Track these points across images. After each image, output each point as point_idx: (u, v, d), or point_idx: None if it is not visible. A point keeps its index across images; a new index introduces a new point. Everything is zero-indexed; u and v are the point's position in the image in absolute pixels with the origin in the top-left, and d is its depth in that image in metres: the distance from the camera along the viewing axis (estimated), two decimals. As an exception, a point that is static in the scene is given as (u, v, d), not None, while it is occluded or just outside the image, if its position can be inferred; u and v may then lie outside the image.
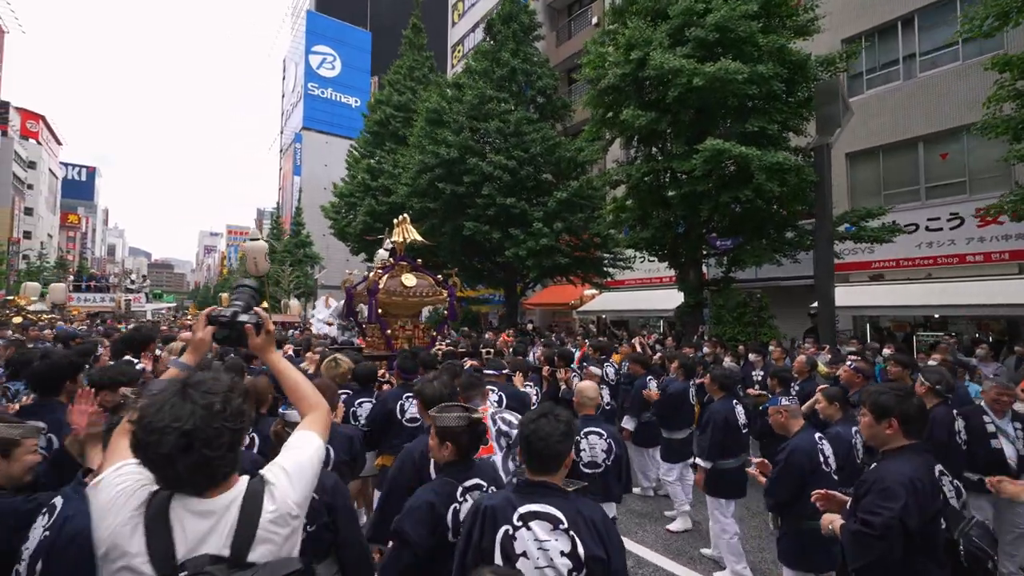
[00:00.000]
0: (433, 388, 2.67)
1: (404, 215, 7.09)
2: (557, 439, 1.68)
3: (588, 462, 3.15)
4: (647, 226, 11.15)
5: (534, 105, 16.28)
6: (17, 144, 59.96)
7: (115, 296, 26.05)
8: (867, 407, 2.20)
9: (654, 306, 16.36)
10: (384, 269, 6.74)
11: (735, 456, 4.03)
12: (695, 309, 11.32)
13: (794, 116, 9.45)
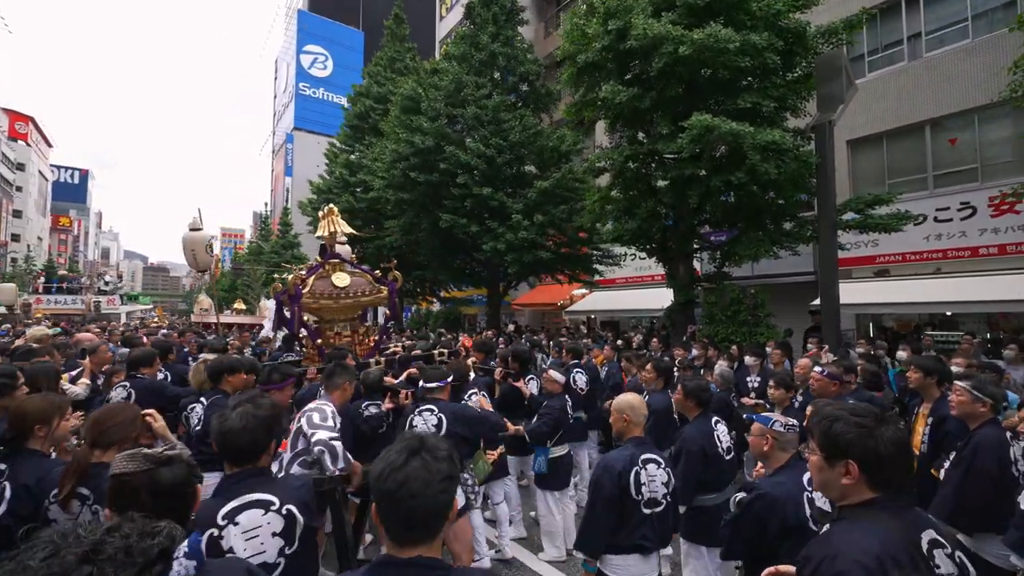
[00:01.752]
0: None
1: (331, 206, 6.15)
2: (438, 488, 1.18)
3: (648, 500, 2.50)
4: (633, 217, 10.23)
5: (516, 93, 15.39)
6: (4, 145, 59.03)
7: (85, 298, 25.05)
8: (815, 440, 1.39)
9: (646, 305, 15.44)
10: (310, 269, 5.77)
11: (717, 490, 3.10)
12: (686, 307, 10.39)
13: (792, 94, 8.53)
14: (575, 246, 14.56)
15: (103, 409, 2.06)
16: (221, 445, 1.69)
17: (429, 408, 3.37)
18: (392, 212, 16.43)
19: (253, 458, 1.71)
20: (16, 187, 62.16)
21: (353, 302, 5.58)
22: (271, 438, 1.77)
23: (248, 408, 1.74)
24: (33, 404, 2.12)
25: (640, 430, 2.61)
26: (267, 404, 1.81)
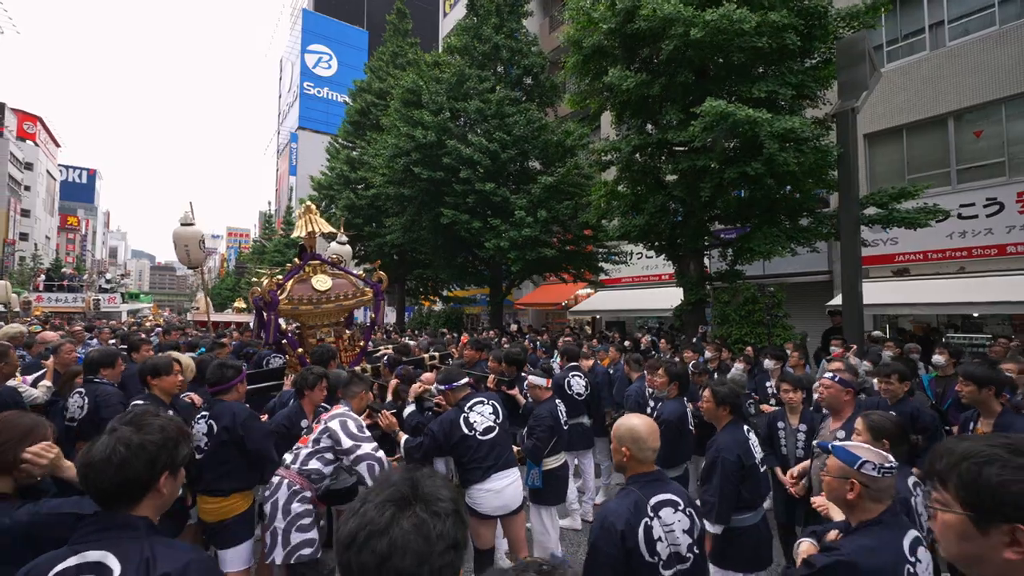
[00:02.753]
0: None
1: (309, 203, 5.71)
2: (438, 563, 0.82)
3: (669, 557, 1.82)
4: (641, 212, 9.76)
5: (520, 86, 14.94)
6: (13, 145, 59.25)
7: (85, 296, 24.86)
8: (949, 490, 0.99)
9: (653, 305, 14.96)
10: (288, 272, 5.34)
11: (753, 508, 2.64)
12: (696, 307, 9.90)
13: (810, 81, 8.02)
14: (580, 244, 14.10)
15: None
16: (83, 481, 1.23)
17: (480, 400, 3.27)
18: (393, 209, 16.04)
19: (123, 502, 1.24)
20: (24, 186, 62.48)
21: (335, 306, 5.15)
22: (155, 474, 1.27)
23: (126, 433, 1.26)
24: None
25: (648, 466, 1.96)
26: (157, 427, 1.30)
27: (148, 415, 1.34)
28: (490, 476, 3.12)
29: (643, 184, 9.92)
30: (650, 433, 1.93)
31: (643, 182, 9.85)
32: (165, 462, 1.28)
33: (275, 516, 2.76)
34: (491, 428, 3.23)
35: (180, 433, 1.35)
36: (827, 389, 3.14)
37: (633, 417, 1.99)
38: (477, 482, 3.10)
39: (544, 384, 3.92)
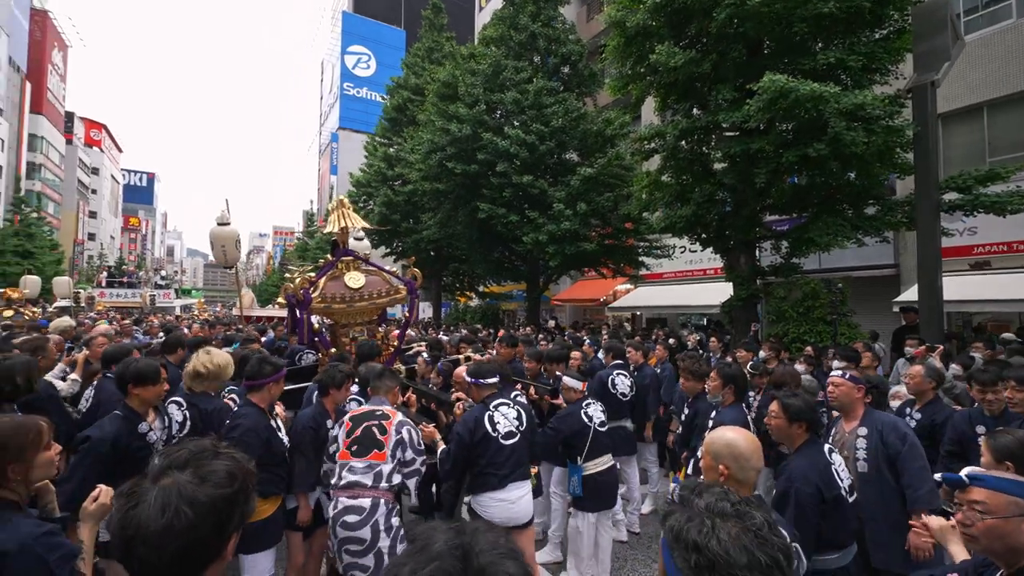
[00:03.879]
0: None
1: (342, 197, 5.54)
2: None
3: None
4: (687, 203, 9.19)
5: (558, 76, 14.52)
6: (81, 151, 63.65)
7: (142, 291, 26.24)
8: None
9: (697, 301, 14.27)
10: (321, 269, 5.18)
11: (840, 547, 2.22)
12: (747, 303, 9.25)
13: (882, 51, 7.26)
14: (620, 237, 13.59)
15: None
16: (123, 554, 0.87)
17: (505, 402, 3.16)
18: (429, 204, 15.98)
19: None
20: (91, 190, 67.07)
21: (368, 304, 4.97)
22: (225, 539, 0.92)
23: (187, 487, 0.89)
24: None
25: (749, 489, 1.63)
26: (224, 473, 0.93)
27: (207, 452, 0.97)
28: (506, 485, 2.98)
29: (689, 173, 9.34)
30: (753, 450, 1.62)
31: (689, 170, 9.28)
32: (237, 522, 0.94)
33: (378, 537, 2.65)
34: (512, 434, 3.08)
35: (250, 478, 0.99)
36: (837, 387, 2.88)
37: (729, 430, 1.68)
38: (492, 490, 2.96)
39: (579, 387, 3.65)
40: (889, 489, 2.63)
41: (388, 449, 2.75)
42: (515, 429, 3.09)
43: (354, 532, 2.64)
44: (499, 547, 0.64)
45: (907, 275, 11.18)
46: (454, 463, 2.96)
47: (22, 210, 32.40)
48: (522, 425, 3.14)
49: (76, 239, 58.83)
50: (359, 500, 2.68)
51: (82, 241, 61.25)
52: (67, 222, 54.31)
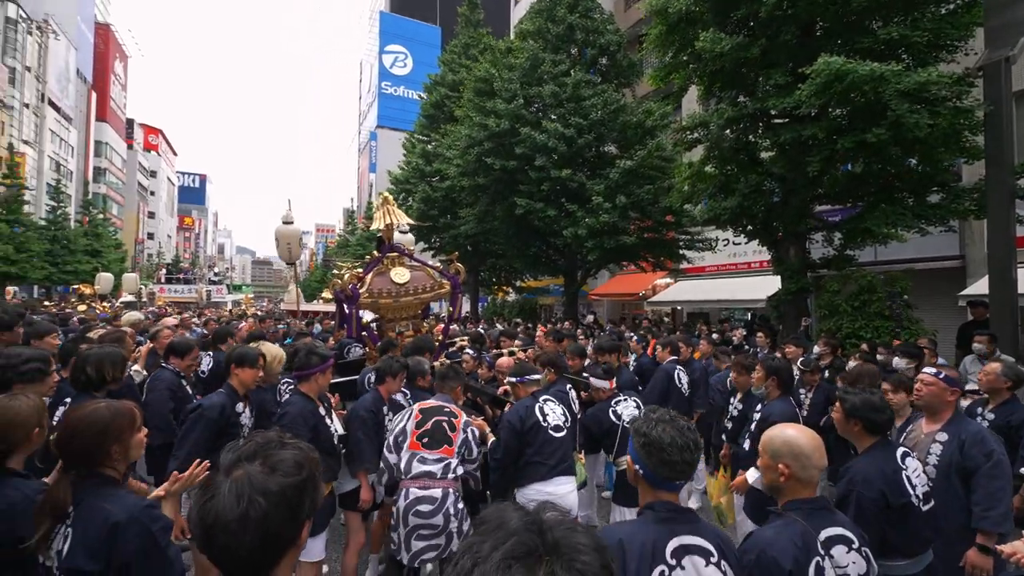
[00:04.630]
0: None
1: (386, 194, 5.65)
2: None
3: None
4: (732, 194, 8.90)
5: (596, 67, 14.32)
6: (141, 156, 67.77)
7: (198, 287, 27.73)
8: None
9: (740, 295, 13.82)
10: (368, 265, 5.32)
11: (909, 555, 2.12)
12: (796, 297, 8.89)
13: (949, 26, 6.77)
14: (660, 230, 13.32)
15: (65, 424, 1.56)
16: (206, 546, 0.91)
17: (549, 399, 3.22)
18: (467, 200, 16.12)
19: (261, 569, 0.94)
20: (150, 192, 71.34)
21: (414, 299, 5.09)
22: (299, 528, 0.96)
23: (258, 477, 0.92)
24: (23, 409, 1.67)
25: (813, 490, 1.56)
26: (293, 463, 0.96)
27: (273, 443, 1.00)
28: (553, 477, 3.04)
29: (734, 162, 9.04)
30: (815, 448, 1.54)
31: (734, 160, 8.97)
32: (309, 509, 0.97)
33: (449, 521, 2.84)
34: (560, 427, 3.14)
35: (315, 466, 1.02)
36: (927, 387, 2.70)
37: (789, 427, 1.62)
38: (538, 481, 3.02)
39: (606, 386, 3.64)
40: (954, 501, 2.48)
41: (456, 446, 2.91)
42: (562, 423, 3.14)
43: (428, 520, 2.81)
44: (567, 522, 0.68)
45: (974, 267, 10.45)
46: (506, 451, 3.03)
47: (90, 212, 34.83)
48: (568, 421, 3.19)
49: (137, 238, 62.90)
50: (430, 491, 2.83)
51: (143, 240, 65.39)
52: (129, 222, 58.05)
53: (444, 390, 3.21)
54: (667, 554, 1.35)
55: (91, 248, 30.91)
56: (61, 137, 41.50)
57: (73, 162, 44.13)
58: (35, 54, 36.60)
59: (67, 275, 27.80)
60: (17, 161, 30.14)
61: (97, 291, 13.98)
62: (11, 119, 32.89)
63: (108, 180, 52.90)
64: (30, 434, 1.69)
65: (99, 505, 1.41)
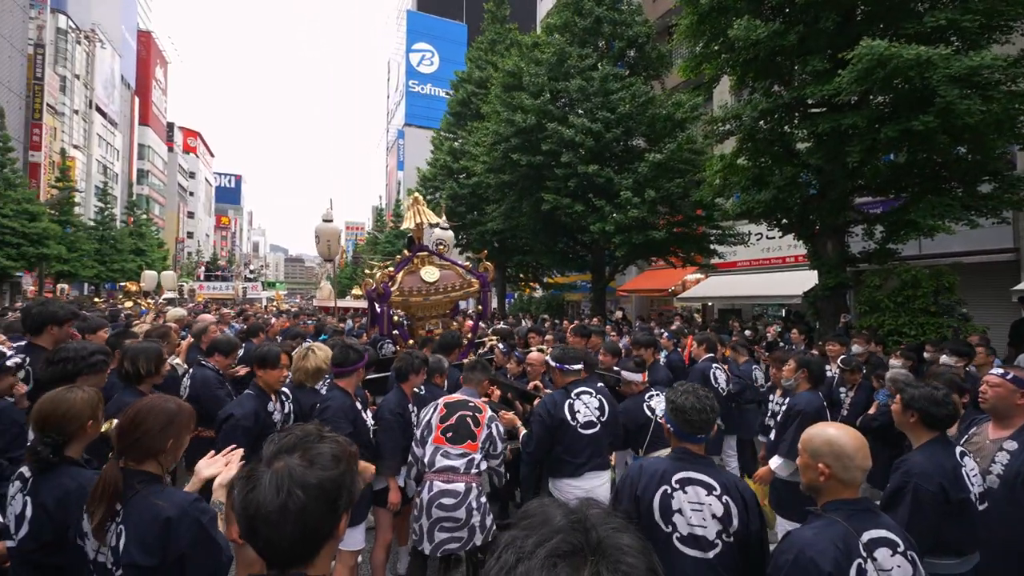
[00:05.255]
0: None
1: (416, 194, 5.71)
2: None
3: None
4: (766, 186, 8.65)
5: (624, 60, 14.11)
6: (180, 158, 70.54)
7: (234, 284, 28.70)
8: None
9: (773, 291, 13.44)
10: (398, 264, 5.39)
11: (961, 553, 2.04)
12: (835, 293, 8.59)
13: (1004, 5, 6.38)
14: (691, 225, 13.05)
15: (131, 413, 1.61)
16: (250, 536, 0.95)
17: (587, 391, 3.13)
18: (493, 196, 16.16)
19: (301, 560, 0.96)
20: (189, 192, 74.22)
21: (443, 297, 5.14)
22: (337, 520, 0.98)
23: (297, 470, 0.94)
24: (78, 401, 1.77)
25: (855, 491, 1.52)
26: (330, 456, 0.98)
27: (312, 437, 1.01)
28: (583, 474, 3.02)
29: (768, 154, 8.78)
30: (858, 448, 1.50)
31: (769, 152, 8.72)
32: (346, 502, 0.99)
33: (471, 515, 2.88)
34: (592, 424, 3.07)
35: (353, 459, 1.04)
36: (993, 388, 2.47)
37: (830, 426, 1.58)
38: (567, 477, 3.02)
39: (639, 380, 3.59)
40: (1016, 514, 2.29)
41: (479, 441, 2.91)
42: (595, 419, 3.07)
43: (451, 513, 2.85)
44: (612, 521, 0.67)
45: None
46: (537, 444, 3.02)
47: (135, 212, 36.49)
48: (603, 415, 3.10)
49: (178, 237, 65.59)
50: (453, 485, 2.86)
51: (183, 239, 68.16)
52: (170, 222, 60.56)
53: (471, 383, 3.19)
54: (672, 481, 1.84)
55: (136, 247, 32.41)
56: (107, 141, 43.55)
57: (119, 165, 46.25)
58: (83, 62, 38.47)
59: (114, 273, 29.26)
60: (68, 165, 31.85)
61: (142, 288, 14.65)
62: (62, 125, 34.69)
63: (150, 182, 55.24)
64: (85, 425, 1.77)
65: (150, 502, 1.46)
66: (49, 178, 30.39)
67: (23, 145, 29.86)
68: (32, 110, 31.33)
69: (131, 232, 33.47)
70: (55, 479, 1.70)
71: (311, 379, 3.20)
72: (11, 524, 1.70)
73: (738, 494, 1.79)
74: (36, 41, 32.23)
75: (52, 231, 22.54)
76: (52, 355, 2.47)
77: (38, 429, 1.75)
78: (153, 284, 16.35)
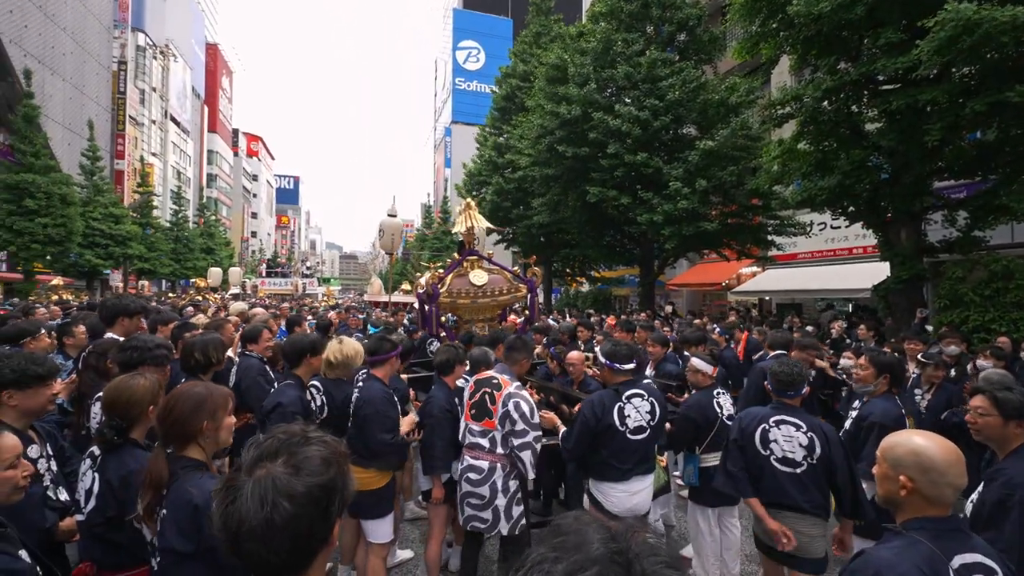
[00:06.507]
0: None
1: (468, 200, 5.74)
2: None
3: None
4: (831, 172, 8.05)
5: (673, 45, 13.56)
6: (244, 162, 75.00)
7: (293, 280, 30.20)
8: None
9: (839, 285, 12.56)
10: (448, 267, 5.46)
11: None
12: (909, 285, 7.89)
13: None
14: (746, 215, 12.40)
15: (166, 400, 1.65)
16: (233, 551, 0.86)
17: (639, 393, 2.93)
18: (539, 190, 16.05)
19: (294, 571, 0.89)
20: (252, 194, 78.84)
21: (491, 301, 5.15)
22: (330, 528, 0.91)
23: (281, 479, 0.86)
24: (140, 388, 1.88)
25: (943, 508, 1.32)
26: (319, 460, 0.90)
27: (297, 439, 0.92)
28: (629, 479, 2.88)
29: (834, 137, 8.17)
30: (952, 463, 1.30)
31: (834, 134, 8.11)
32: (339, 507, 0.91)
33: (495, 496, 2.88)
34: (642, 428, 2.89)
35: (344, 459, 0.95)
36: None
37: (917, 435, 1.38)
38: (611, 481, 2.89)
39: (709, 371, 3.36)
40: None
41: (495, 419, 2.90)
42: (646, 424, 2.90)
43: (476, 488, 2.89)
44: (659, 554, 0.59)
45: None
46: (577, 443, 2.88)
47: (205, 214, 39.19)
48: (654, 419, 2.93)
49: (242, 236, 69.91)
50: (479, 461, 2.91)
51: (247, 238, 72.59)
52: (236, 222, 64.63)
53: (510, 362, 3.17)
54: (770, 421, 2.67)
55: (206, 246, 34.81)
56: (181, 148, 46.92)
57: (190, 170, 49.75)
58: (159, 76, 41.58)
59: (188, 270, 31.60)
60: (147, 171, 34.60)
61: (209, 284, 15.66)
62: (142, 135, 37.69)
63: (218, 185, 59.06)
64: (146, 411, 1.88)
65: (185, 488, 1.47)
66: (132, 184, 33.15)
67: (109, 154, 32.69)
68: (116, 122, 34.21)
69: (202, 232, 35.97)
70: (120, 459, 1.82)
71: (341, 371, 3.22)
72: (81, 498, 1.83)
73: (821, 432, 2.58)
74: (119, 58, 35.12)
75: (134, 232, 24.58)
76: (123, 344, 2.66)
77: (105, 412, 1.87)
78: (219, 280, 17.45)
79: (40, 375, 1.96)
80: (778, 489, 2.56)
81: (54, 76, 27.15)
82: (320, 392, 3.17)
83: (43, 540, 1.85)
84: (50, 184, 19.10)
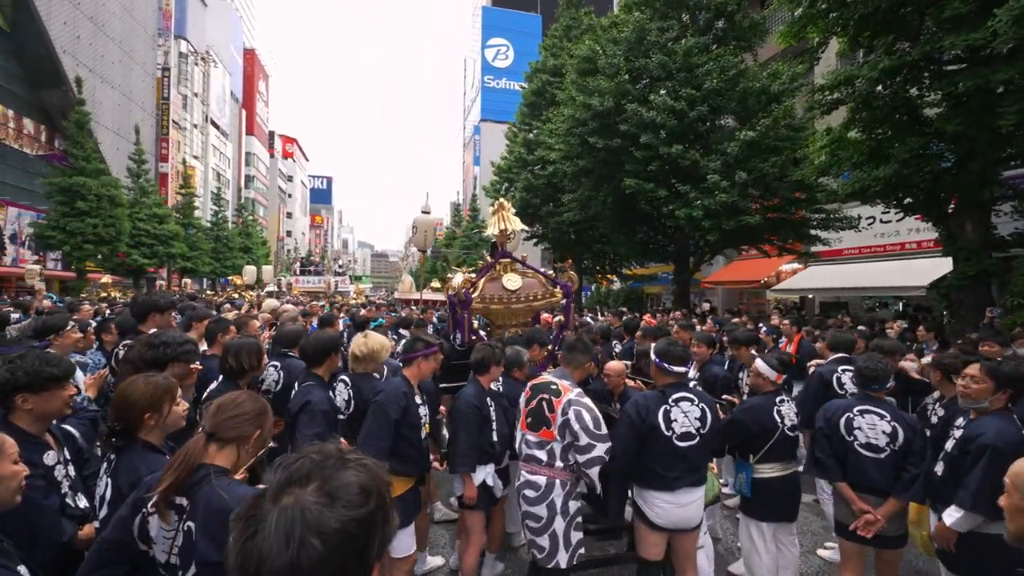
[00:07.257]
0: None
1: (501, 200, 5.53)
2: None
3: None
4: (885, 161, 7.51)
5: (711, 32, 13.04)
6: (280, 163, 77.23)
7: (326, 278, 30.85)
8: None
9: (891, 283, 11.82)
10: (481, 270, 5.26)
11: None
12: (975, 282, 7.28)
13: None
14: (788, 209, 11.81)
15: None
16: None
17: (688, 397, 2.72)
18: (570, 186, 15.76)
19: None
20: (287, 194, 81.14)
21: (525, 306, 4.94)
22: (368, 569, 0.74)
23: (312, 510, 0.70)
24: (138, 390, 1.79)
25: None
26: (357, 488, 0.74)
27: (333, 461, 0.77)
28: (677, 489, 2.64)
29: (889, 124, 7.63)
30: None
31: (889, 120, 7.57)
32: (379, 548, 0.75)
33: (553, 518, 2.63)
34: (690, 435, 2.65)
35: (387, 488, 0.79)
36: None
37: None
38: (657, 490, 2.65)
39: (773, 377, 3.07)
40: None
41: (555, 428, 2.64)
42: (695, 431, 2.66)
43: (532, 508, 2.66)
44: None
45: None
46: (624, 447, 2.64)
47: (243, 214, 40.48)
48: (704, 427, 2.70)
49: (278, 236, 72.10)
50: (536, 476, 2.67)
51: (282, 237, 74.80)
52: (272, 222, 66.66)
53: (569, 364, 2.86)
54: (854, 410, 2.86)
55: (244, 245, 35.95)
56: (220, 151, 48.61)
57: (229, 172, 51.51)
58: (200, 81, 43.15)
59: (227, 269, 32.70)
60: (189, 173, 35.97)
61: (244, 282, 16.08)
62: (184, 138, 39.20)
63: (255, 186, 61.01)
64: (141, 416, 1.81)
65: (215, 495, 1.40)
66: (175, 186, 34.53)
67: (154, 157, 34.12)
68: (160, 126, 35.68)
69: (240, 232, 37.15)
70: (130, 463, 1.72)
71: (367, 364, 3.14)
72: (96, 504, 1.75)
73: (904, 422, 2.75)
74: (163, 65, 36.59)
75: (177, 232, 25.56)
76: (151, 338, 2.59)
77: (111, 412, 1.80)
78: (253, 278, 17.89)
79: (56, 376, 1.88)
80: (862, 472, 2.73)
81: (104, 84, 28.45)
82: (348, 387, 3.09)
83: (60, 555, 1.76)
84: (100, 187, 20.02)
